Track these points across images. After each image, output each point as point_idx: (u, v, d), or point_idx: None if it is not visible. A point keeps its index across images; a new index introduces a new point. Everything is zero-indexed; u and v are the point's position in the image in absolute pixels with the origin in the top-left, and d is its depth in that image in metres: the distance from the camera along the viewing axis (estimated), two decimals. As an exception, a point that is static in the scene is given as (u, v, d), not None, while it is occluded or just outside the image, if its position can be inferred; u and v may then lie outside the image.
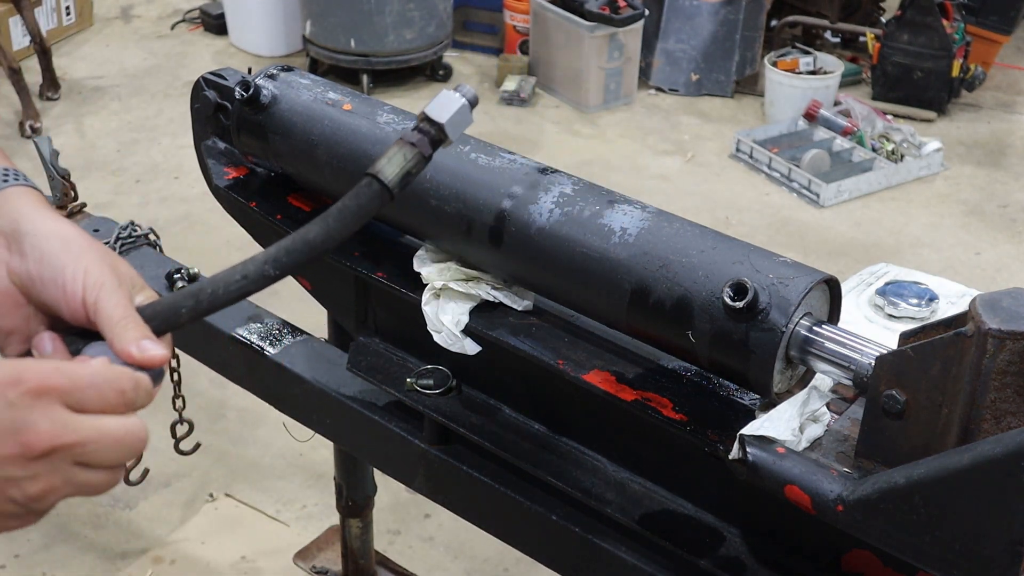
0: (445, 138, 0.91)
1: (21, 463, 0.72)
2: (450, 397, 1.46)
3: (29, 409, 0.72)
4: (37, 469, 0.73)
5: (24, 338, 0.85)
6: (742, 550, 1.24)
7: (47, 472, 0.73)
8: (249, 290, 0.84)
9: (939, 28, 4.99)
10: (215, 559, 2.67)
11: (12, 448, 0.72)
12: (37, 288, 0.84)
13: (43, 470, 0.73)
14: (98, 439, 0.75)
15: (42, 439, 0.72)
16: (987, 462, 0.89)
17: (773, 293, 1.09)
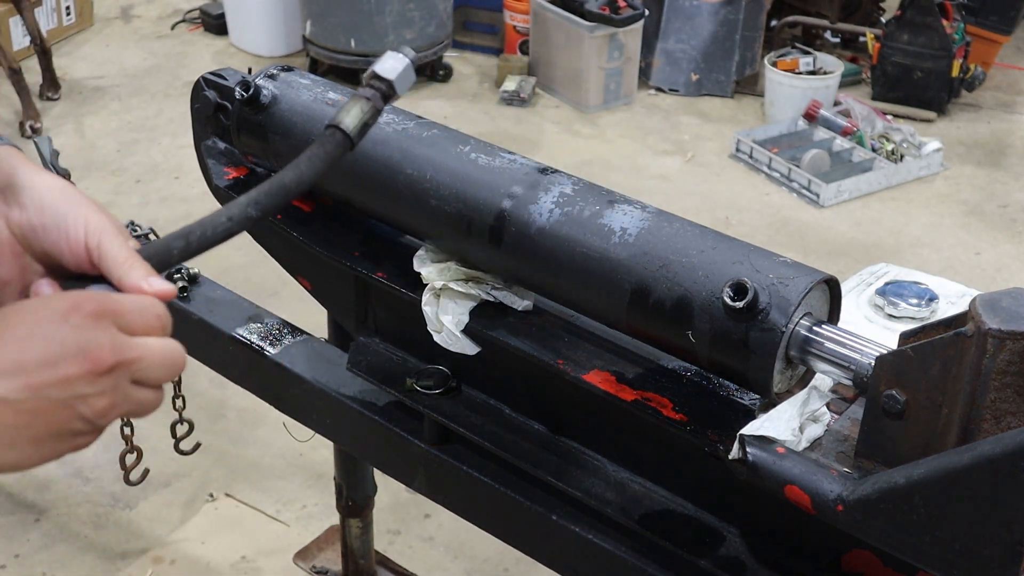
0: (394, 93, 1.02)
1: (89, 380, 0.77)
2: (450, 397, 1.46)
3: (91, 330, 0.78)
4: (102, 386, 0.78)
5: (21, 287, 0.89)
6: (742, 550, 1.24)
7: (110, 389, 0.79)
8: (233, 231, 0.91)
9: (939, 28, 4.99)
10: (215, 559, 2.67)
11: (81, 366, 0.77)
12: (39, 237, 0.88)
13: (107, 387, 0.78)
14: (150, 357, 0.81)
15: (106, 356, 0.78)
16: (987, 462, 0.89)
17: (773, 293, 1.09)
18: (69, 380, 0.77)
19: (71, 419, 0.78)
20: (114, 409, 0.80)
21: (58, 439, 0.79)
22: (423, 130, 1.39)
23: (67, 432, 0.79)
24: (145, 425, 2.91)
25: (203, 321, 1.77)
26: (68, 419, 0.78)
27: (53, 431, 0.78)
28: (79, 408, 0.78)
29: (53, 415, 0.77)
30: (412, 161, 1.36)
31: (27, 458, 0.78)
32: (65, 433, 0.79)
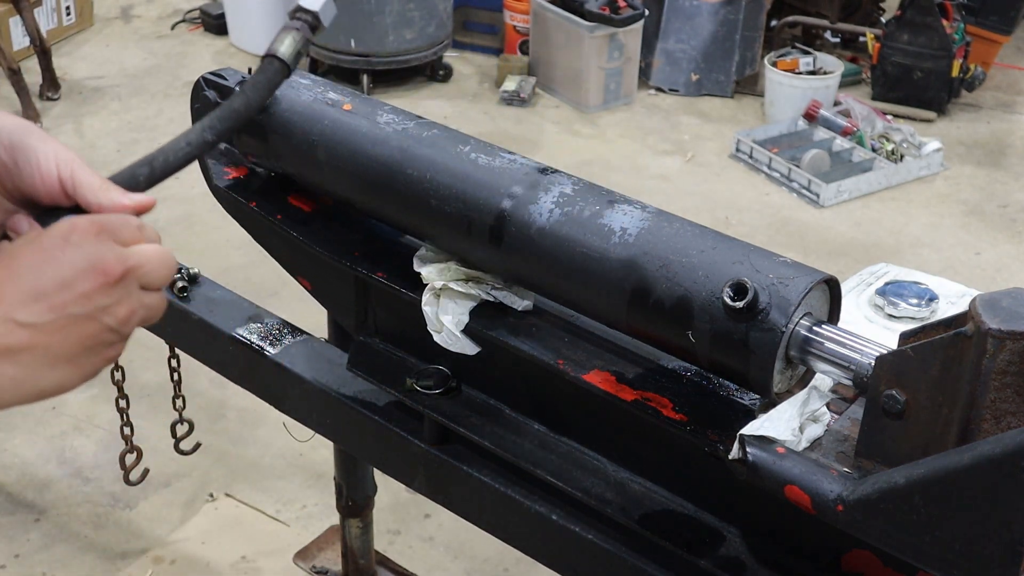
0: (320, 24, 1.09)
1: (104, 291, 0.83)
2: (450, 397, 1.46)
3: (94, 245, 0.84)
4: (117, 294, 0.84)
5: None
6: (742, 550, 1.24)
7: (125, 296, 0.85)
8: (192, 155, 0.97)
9: (939, 28, 4.99)
10: (215, 559, 2.67)
11: (95, 280, 0.82)
12: (11, 175, 0.91)
13: (122, 295, 0.84)
14: (149, 262, 0.87)
15: (115, 266, 0.83)
16: (987, 462, 0.89)
17: (773, 293, 1.09)
18: (87, 295, 0.82)
19: (98, 331, 0.83)
20: (133, 315, 0.85)
21: (91, 352, 0.84)
22: (423, 130, 1.39)
23: (98, 344, 0.84)
24: (145, 425, 2.91)
25: (203, 321, 1.77)
26: (96, 331, 0.83)
27: (85, 345, 0.83)
28: (103, 319, 0.83)
29: (81, 330, 0.82)
30: (412, 161, 1.36)
31: (68, 377, 0.83)
32: (96, 346, 0.84)
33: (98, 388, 3.24)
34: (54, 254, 0.82)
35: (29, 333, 0.80)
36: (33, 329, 0.80)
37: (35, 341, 0.81)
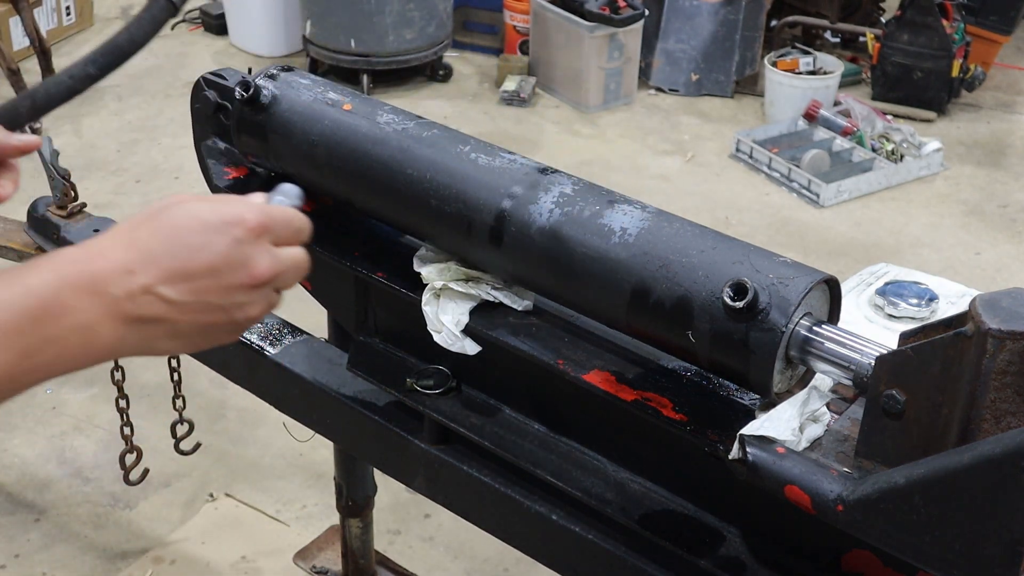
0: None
1: (246, 291, 0.87)
2: (450, 397, 1.46)
3: (252, 245, 0.87)
4: (257, 296, 0.88)
5: None
6: (742, 550, 1.24)
7: (262, 298, 0.89)
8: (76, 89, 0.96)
9: (939, 28, 4.99)
10: (215, 559, 2.67)
11: (242, 279, 0.86)
12: None
13: (260, 297, 0.88)
14: (291, 267, 0.91)
15: (264, 272, 0.87)
16: (987, 462, 0.89)
17: (773, 293, 1.09)
18: (230, 288, 0.86)
19: (224, 322, 0.87)
20: (261, 315, 0.90)
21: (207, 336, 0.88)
22: (423, 130, 1.39)
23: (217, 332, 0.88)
24: (145, 425, 2.91)
25: (203, 321, 1.77)
26: (221, 322, 0.87)
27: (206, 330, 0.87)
28: (234, 314, 0.87)
29: (209, 317, 0.86)
30: (412, 161, 1.36)
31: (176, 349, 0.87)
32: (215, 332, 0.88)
33: (98, 388, 3.24)
34: (214, 240, 0.85)
35: (165, 309, 0.83)
36: (170, 305, 0.83)
37: (167, 316, 0.83)
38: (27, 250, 2.10)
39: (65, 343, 0.80)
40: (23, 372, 0.79)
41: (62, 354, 0.81)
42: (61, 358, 0.81)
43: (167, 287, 0.83)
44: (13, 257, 2.14)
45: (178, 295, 0.83)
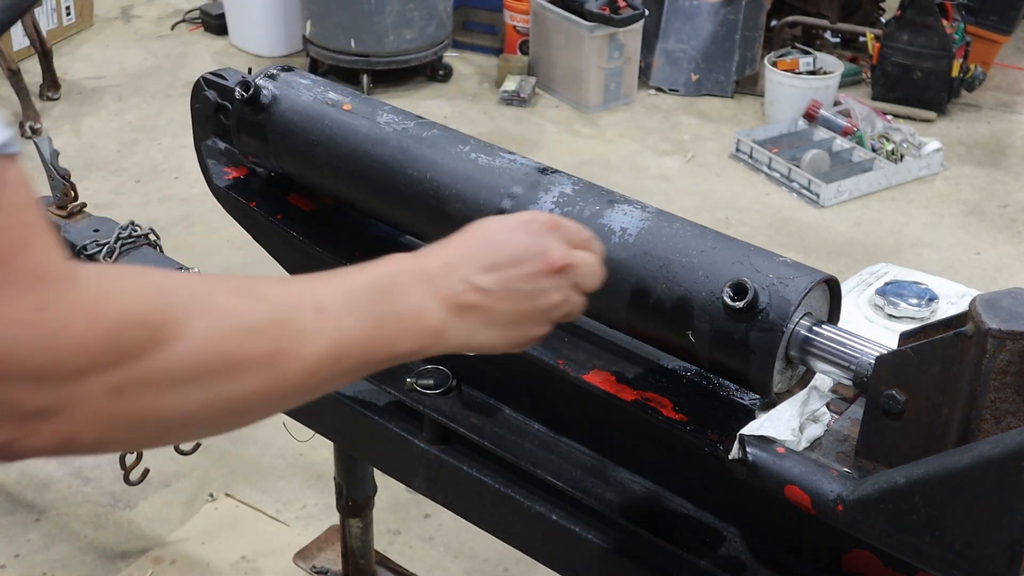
0: None
1: (546, 277, 0.97)
2: (450, 397, 1.46)
3: (547, 236, 0.98)
4: (555, 283, 0.97)
5: None
6: (742, 550, 1.24)
7: (559, 287, 0.98)
8: None
9: (939, 28, 4.99)
10: (215, 559, 2.67)
11: (540, 265, 0.97)
12: None
13: (558, 284, 0.98)
14: (586, 265, 1.01)
15: (558, 258, 0.97)
16: (987, 462, 0.89)
17: (773, 293, 1.09)
18: (531, 276, 0.96)
19: (530, 310, 0.97)
20: (562, 305, 0.98)
21: (519, 326, 0.97)
22: (423, 130, 1.39)
23: (526, 321, 0.97)
24: (145, 425, 2.91)
25: (203, 321, 1.77)
26: (528, 310, 0.97)
27: (517, 319, 0.97)
28: (538, 300, 0.97)
29: (518, 304, 0.96)
30: (412, 161, 1.36)
31: (495, 341, 0.97)
32: (525, 322, 0.97)
33: (98, 388, 3.24)
34: (515, 236, 0.97)
35: (480, 296, 0.94)
36: (484, 293, 0.94)
37: (482, 303, 0.95)
38: (27, 250, 2.10)
39: (405, 319, 0.91)
40: (375, 343, 0.89)
41: (402, 331, 0.91)
42: (401, 335, 0.91)
43: (481, 277, 0.95)
44: (13, 257, 2.13)
45: (490, 284, 0.95)
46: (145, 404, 0.75)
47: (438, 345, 0.93)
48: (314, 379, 0.86)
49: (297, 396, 0.87)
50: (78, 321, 0.71)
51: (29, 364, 0.69)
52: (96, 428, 0.73)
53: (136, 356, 0.73)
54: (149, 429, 0.78)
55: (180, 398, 0.76)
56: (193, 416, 0.78)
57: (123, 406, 0.73)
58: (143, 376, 0.74)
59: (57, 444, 0.73)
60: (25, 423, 0.70)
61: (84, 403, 0.72)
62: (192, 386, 0.77)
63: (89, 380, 0.71)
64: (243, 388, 0.80)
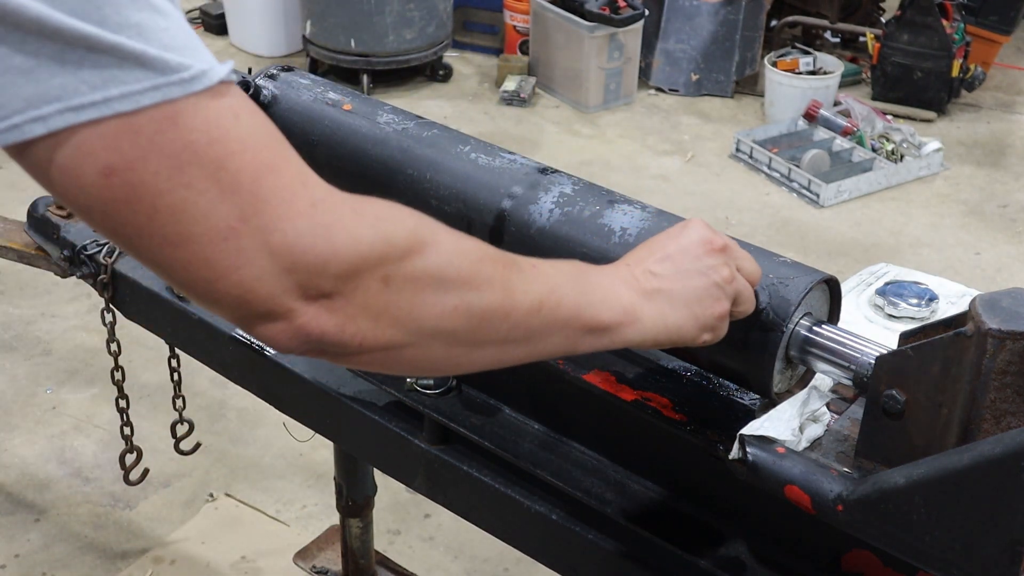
0: None
1: (711, 254, 1.05)
2: (450, 397, 1.46)
3: (703, 229, 1.08)
4: (721, 259, 1.06)
5: None
6: (742, 550, 1.24)
7: (725, 263, 1.06)
8: None
9: (939, 28, 4.99)
10: (215, 559, 2.67)
11: (704, 247, 1.06)
12: None
13: (723, 260, 1.06)
14: (741, 252, 1.09)
15: (717, 240, 1.07)
16: (987, 462, 0.89)
17: (773, 293, 1.09)
18: (698, 256, 1.05)
19: (707, 285, 1.04)
20: (733, 281, 1.05)
21: (701, 303, 1.04)
22: (423, 130, 1.39)
23: (706, 296, 1.04)
24: (145, 425, 2.91)
25: (203, 321, 1.77)
26: (704, 285, 1.04)
27: (697, 295, 1.04)
28: (710, 275, 1.04)
29: (694, 281, 1.04)
30: (412, 161, 1.36)
31: (685, 319, 1.03)
32: (705, 298, 1.04)
33: (98, 388, 3.24)
34: (678, 233, 1.08)
35: (659, 280, 1.03)
36: (662, 278, 1.03)
37: (663, 286, 1.03)
38: (27, 250, 2.10)
39: (602, 291, 1.00)
40: (583, 304, 0.97)
41: (603, 300, 0.99)
42: (603, 304, 0.99)
43: (656, 266, 1.04)
44: (13, 257, 2.14)
45: (664, 270, 1.04)
46: (407, 300, 0.84)
47: (634, 327, 1.01)
48: (538, 317, 0.94)
49: (522, 330, 0.94)
50: (346, 216, 0.81)
51: (311, 254, 0.78)
52: (365, 318, 0.83)
53: (400, 256, 0.83)
54: (408, 326, 0.86)
55: (435, 298, 0.86)
56: (444, 320, 0.87)
57: (390, 298, 0.83)
58: (407, 273, 0.84)
59: (333, 330, 0.82)
60: (310, 306, 0.80)
61: (358, 291, 0.81)
62: (444, 290, 0.87)
63: (363, 270, 0.81)
64: (483, 301, 0.89)
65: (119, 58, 0.72)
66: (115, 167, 0.73)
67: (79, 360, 3.40)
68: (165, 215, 0.75)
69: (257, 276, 0.78)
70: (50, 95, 0.71)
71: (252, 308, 0.79)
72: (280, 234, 0.77)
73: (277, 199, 0.78)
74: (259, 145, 0.78)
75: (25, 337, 3.50)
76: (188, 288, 0.80)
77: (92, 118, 0.72)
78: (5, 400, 3.23)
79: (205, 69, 0.75)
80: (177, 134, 0.73)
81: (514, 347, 0.95)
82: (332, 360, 0.87)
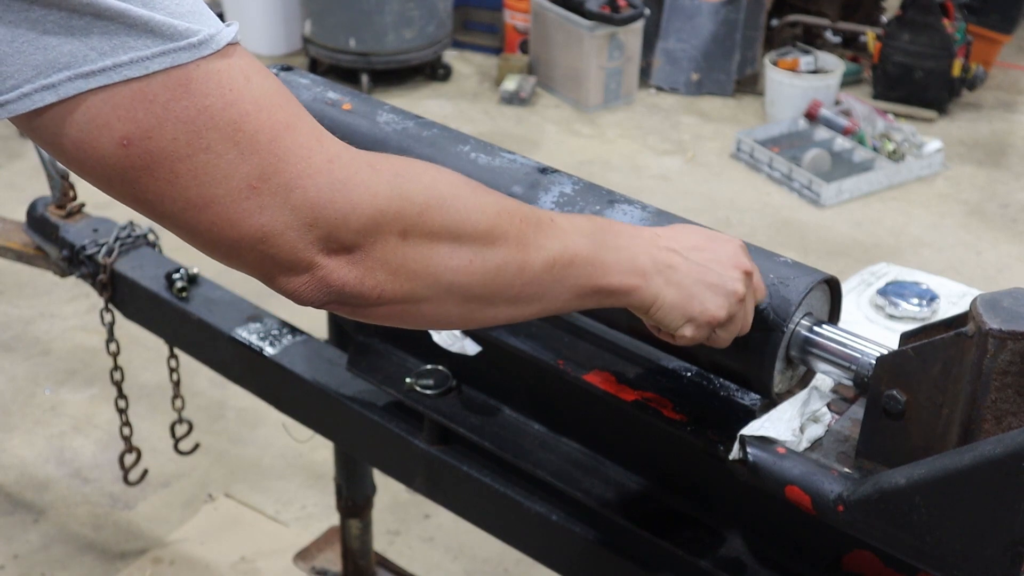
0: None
1: (732, 268, 1.05)
2: (450, 397, 1.46)
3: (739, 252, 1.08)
4: (740, 277, 1.05)
5: None
6: (742, 550, 1.24)
7: (746, 284, 1.06)
8: None
9: (940, 27, 4.99)
10: (214, 560, 2.67)
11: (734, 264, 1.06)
12: None
13: (745, 281, 1.05)
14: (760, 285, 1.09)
15: (747, 263, 1.07)
16: (987, 462, 0.89)
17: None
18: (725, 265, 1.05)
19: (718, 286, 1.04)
20: (742, 303, 1.05)
21: (704, 298, 1.04)
22: (423, 130, 1.39)
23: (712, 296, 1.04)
24: (145, 425, 2.91)
25: (203, 321, 1.77)
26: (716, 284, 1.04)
27: (704, 290, 1.04)
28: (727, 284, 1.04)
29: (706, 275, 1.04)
30: (412, 161, 1.35)
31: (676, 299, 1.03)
32: (710, 296, 1.04)
33: (98, 388, 3.24)
34: (719, 237, 1.08)
35: (677, 259, 1.03)
36: (681, 257, 1.04)
37: (677, 264, 1.03)
38: (27, 250, 2.10)
39: (619, 253, 1.00)
40: (596, 263, 0.98)
41: (616, 262, 0.99)
42: (615, 266, 0.99)
43: (684, 249, 1.05)
44: (12, 257, 2.14)
45: (688, 255, 1.05)
46: (423, 254, 0.86)
47: (639, 291, 1.01)
48: (550, 274, 0.95)
49: (535, 287, 0.95)
50: (363, 171, 0.83)
51: (331, 209, 0.80)
52: (384, 271, 0.85)
53: (418, 211, 0.85)
54: (425, 280, 0.87)
55: (450, 252, 0.88)
56: (460, 275, 0.89)
57: (408, 252, 0.85)
58: (424, 227, 0.85)
59: (353, 282, 0.84)
60: (331, 259, 0.82)
61: (377, 244, 0.83)
62: (459, 244, 0.88)
63: (381, 224, 0.83)
64: (497, 257, 0.90)
65: (127, 25, 0.72)
66: (132, 136, 0.74)
67: (78, 360, 3.39)
68: (187, 179, 0.76)
69: (280, 232, 0.79)
70: (59, 63, 0.71)
71: (276, 263, 0.81)
72: (301, 191, 0.79)
73: (295, 157, 0.80)
74: (273, 105, 0.79)
75: (24, 337, 3.50)
76: (214, 248, 0.82)
77: (102, 84, 0.72)
78: (4, 400, 3.23)
79: (213, 33, 0.75)
80: (191, 100, 0.74)
81: (526, 304, 0.96)
82: (351, 313, 0.88)
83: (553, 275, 0.95)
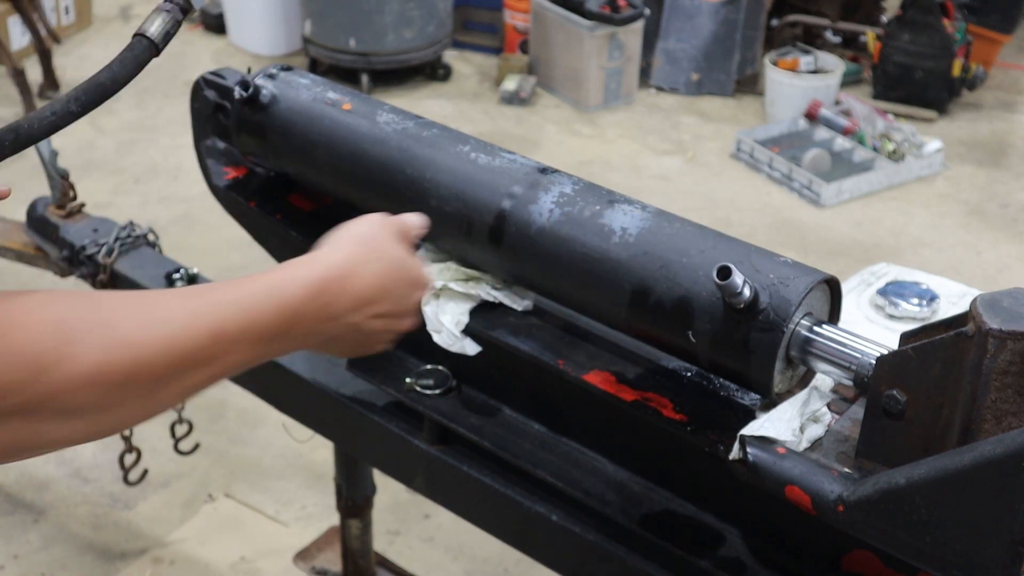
0: (191, 7, 1.13)
1: (402, 318, 1.13)
2: (450, 397, 1.46)
3: (398, 245, 1.13)
4: (407, 320, 1.14)
5: None
6: (742, 550, 1.24)
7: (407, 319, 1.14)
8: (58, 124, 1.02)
9: (940, 27, 4.99)
10: (214, 560, 2.67)
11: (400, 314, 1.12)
12: None
13: (385, 325, 1.11)
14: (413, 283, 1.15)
15: (423, 275, 1.15)
16: (987, 463, 0.89)
17: (773, 293, 1.09)
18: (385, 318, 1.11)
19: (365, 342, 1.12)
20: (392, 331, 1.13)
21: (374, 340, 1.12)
22: (423, 130, 1.39)
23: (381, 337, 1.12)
24: (144, 425, 2.90)
25: (202, 321, 1.77)
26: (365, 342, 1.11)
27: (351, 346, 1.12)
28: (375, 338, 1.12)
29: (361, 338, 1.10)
30: (412, 161, 1.35)
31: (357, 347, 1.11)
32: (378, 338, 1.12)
33: (98, 388, 3.24)
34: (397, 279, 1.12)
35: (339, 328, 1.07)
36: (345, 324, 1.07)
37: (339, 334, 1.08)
38: (27, 250, 2.10)
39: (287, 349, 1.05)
40: (252, 362, 1.01)
41: (278, 353, 1.04)
42: (272, 356, 1.03)
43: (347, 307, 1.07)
44: (12, 257, 2.14)
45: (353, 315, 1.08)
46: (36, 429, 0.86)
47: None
48: (186, 397, 0.97)
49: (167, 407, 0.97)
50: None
51: None
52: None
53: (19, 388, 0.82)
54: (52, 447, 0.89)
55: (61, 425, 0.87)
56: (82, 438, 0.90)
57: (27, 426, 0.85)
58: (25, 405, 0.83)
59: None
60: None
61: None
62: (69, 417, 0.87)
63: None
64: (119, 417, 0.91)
65: None
66: None
67: (79, 360, 3.39)
68: None
69: None
70: None
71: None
72: None
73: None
74: None
75: (25, 337, 3.50)
76: None
77: None
78: (5, 400, 3.22)
79: None
80: None
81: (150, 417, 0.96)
82: None
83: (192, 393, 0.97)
